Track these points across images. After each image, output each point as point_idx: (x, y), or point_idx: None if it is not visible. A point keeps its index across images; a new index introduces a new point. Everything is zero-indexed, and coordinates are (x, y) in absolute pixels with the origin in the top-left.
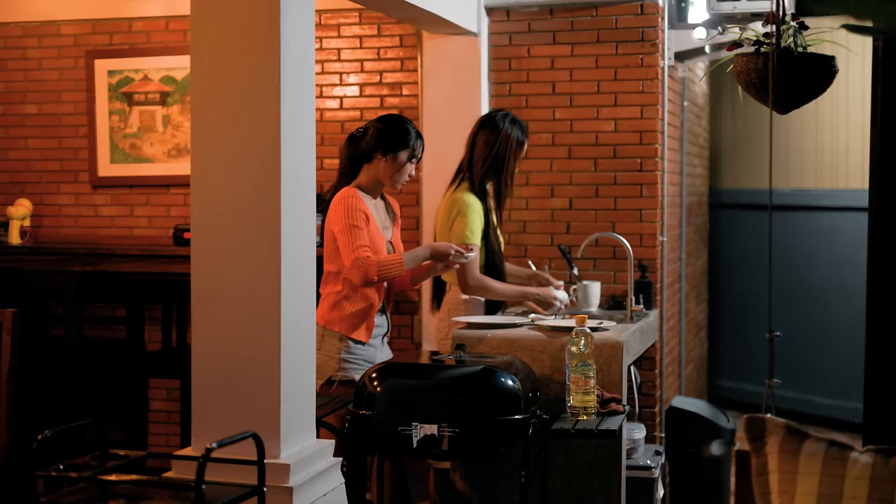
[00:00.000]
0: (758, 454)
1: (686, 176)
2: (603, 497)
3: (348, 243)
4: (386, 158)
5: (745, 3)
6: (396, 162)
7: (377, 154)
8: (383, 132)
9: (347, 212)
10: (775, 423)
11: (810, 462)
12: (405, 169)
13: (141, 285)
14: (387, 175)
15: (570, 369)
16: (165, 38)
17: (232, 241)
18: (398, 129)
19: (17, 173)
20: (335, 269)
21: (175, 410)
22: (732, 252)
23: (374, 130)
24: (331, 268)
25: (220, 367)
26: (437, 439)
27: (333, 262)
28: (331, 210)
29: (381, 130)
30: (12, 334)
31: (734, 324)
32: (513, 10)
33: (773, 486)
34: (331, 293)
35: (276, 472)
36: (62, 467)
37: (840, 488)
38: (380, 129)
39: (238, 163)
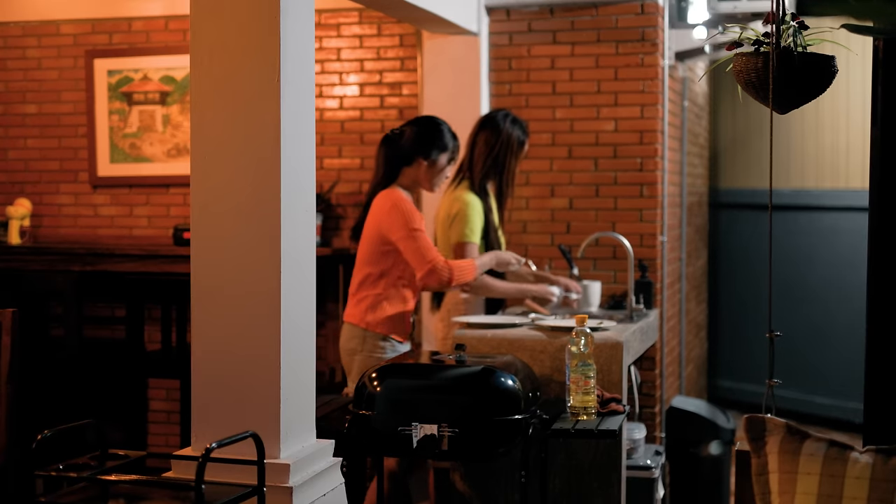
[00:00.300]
0: (758, 454)
1: (686, 176)
2: (603, 497)
3: (418, 250)
4: (427, 161)
5: (745, 2)
6: (437, 165)
7: (418, 157)
8: (423, 135)
9: (406, 217)
10: (775, 423)
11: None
12: (444, 171)
13: (140, 285)
14: (426, 178)
15: (570, 369)
16: (165, 38)
17: (232, 241)
18: (437, 133)
19: (17, 173)
20: (378, 271)
21: (175, 410)
22: (732, 252)
23: (413, 133)
24: (373, 270)
25: (220, 367)
26: (437, 439)
27: (377, 265)
28: (382, 214)
29: (420, 133)
30: (12, 334)
31: (734, 324)
32: (513, 9)
33: (774, 486)
34: (369, 295)
35: (276, 472)
36: (62, 467)
37: (840, 488)
38: (419, 132)
39: (238, 163)
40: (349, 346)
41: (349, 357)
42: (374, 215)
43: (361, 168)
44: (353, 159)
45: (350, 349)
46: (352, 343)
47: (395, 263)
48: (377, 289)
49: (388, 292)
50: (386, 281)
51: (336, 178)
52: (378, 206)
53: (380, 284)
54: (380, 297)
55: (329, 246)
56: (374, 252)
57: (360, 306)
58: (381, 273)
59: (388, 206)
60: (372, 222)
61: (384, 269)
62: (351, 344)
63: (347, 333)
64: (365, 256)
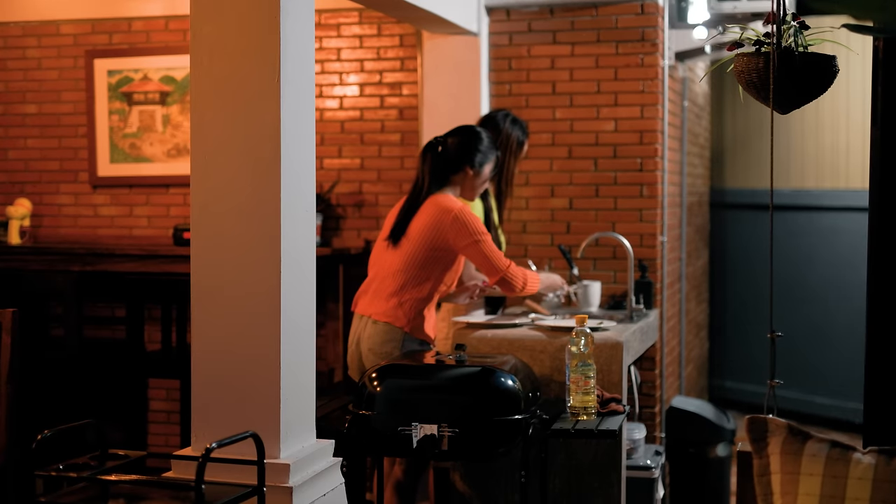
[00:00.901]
0: (760, 455)
1: (686, 176)
2: (603, 497)
3: (489, 257)
4: (474, 171)
5: (746, 2)
6: (482, 175)
7: (466, 167)
8: (471, 146)
9: (470, 225)
10: (777, 423)
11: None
12: (487, 181)
13: (140, 285)
14: (471, 186)
15: (570, 369)
16: (165, 38)
17: (232, 241)
18: (484, 144)
19: (17, 173)
20: (425, 275)
21: (175, 410)
22: (733, 252)
23: (461, 144)
24: (420, 273)
25: (220, 367)
26: (437, 439)
27: (425, 269)
28: (441, 219)
29: (468, 145)
30: (12, 334)
31: (734, 324)
32: (513, 9)
33: (776, 487)
34: (414, 299)
35: (276, 472)
36: (62, 467)
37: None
38: (467, 143)
39: (238, 163)
40: (384, 348)
41: (380, 358)
42: (430, 220)
43: (361, 168)
44: (353, 159)
45: (385, 352)
46: (388, 346)
47: (443, 270)
48: (422, 293)
49: (431, 298)
50: (430, 286)
51: (336, 178)
52: (434, 212)
53: (425, 288)
54: (424, 302)
55: (329, 246)
56: (426, 257)
57: (403, 308)
58: (427, 277)
59: (452, 214)
60: (425, 226)
61: (430, 274)
62: (387, 347)
63: (384, 335)
64: (411, 259)
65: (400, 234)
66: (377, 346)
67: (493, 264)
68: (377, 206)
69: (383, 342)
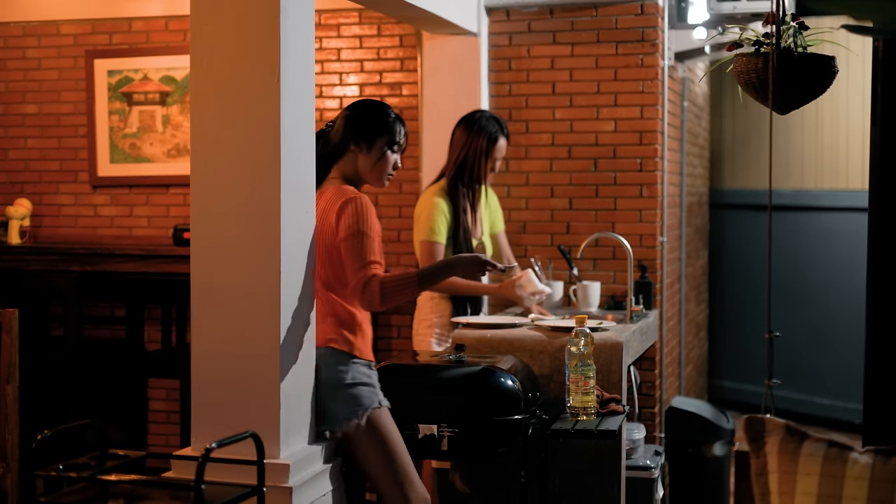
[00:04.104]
0: (757, 454)
1: (686, 176)
2: (603, 497)
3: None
4: (361, 149)
5: (745, 3)
6: (373, 152)
7: (350, 145)
8: (354, 119)
9: (360, 212)
10: (775, 423)
11: (810, 462)
12: (387, 159)
13: (140, 285)
14: (366, 168)
15: (570, 369)
16: (165, 38)
17: (232, 241)
18: (372, 114)
19: (17, 173)
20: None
21: (175, 410)
22: (732, 252)
23: (343, 119)
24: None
25: (219, 367)
26: (437, 439)
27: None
28: (333, 206)
29: (350, 118)
30: (12, 334)
31: (734, 324)
32: (513, 10)
33: (773, 487)
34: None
35: (276, 472)
36: (62, 467)
37: (840, 489)
38: (349, 116)
39: (238, 163)
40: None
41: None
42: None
43: None
44: None
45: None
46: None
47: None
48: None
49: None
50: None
51: None
52: (323, 203)
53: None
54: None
55: None
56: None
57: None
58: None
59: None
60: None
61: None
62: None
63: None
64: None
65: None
66: (321, 371)
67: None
68: (377, 206)
69: (328, 366)
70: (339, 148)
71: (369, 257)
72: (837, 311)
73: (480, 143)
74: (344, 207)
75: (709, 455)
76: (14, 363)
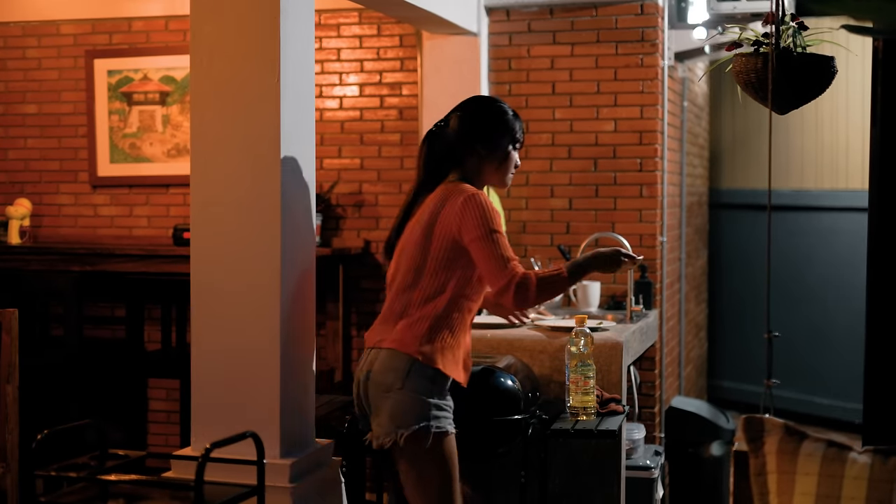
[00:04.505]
0: (756, 454)
1: (686, 176)
2: (602, 497)
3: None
4: (484, 150)
5: (745, 3)
6: (497, 153)
7: (475, 146)
8: (474, 120)
9: (483, 211)
10: (774, 423)
11: (809, 462)
12: (511, 159)
13: (140, 285)
14: (491, 169)
15: (570, 369)
16: (165, 38)
17: (232, 241)
18: (492, 113)
19: (17, 173)
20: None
21: (175, 410)
22: (732, 252)
23: (460, 120)
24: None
25: (220, 367)
26: None
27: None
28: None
29: (469, 119)
30: (12, 334)
31: (734, 324)
32: (513, 10)
33: (772, 487)
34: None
35: (276, 472)
36: (62, 467)
37: (839, 489)
38: (468, 116)
39: (237, 163)
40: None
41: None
42: (433, 210)
43: (361, 168)
44: (353, 159)
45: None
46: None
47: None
48: (436, 309)
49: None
50: (449, 300)
51: (336, 178)
52: (438, 200)
53: (440, 303)
54: (441, 321)
55: (329, 246)
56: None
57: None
58: (441, 288)
59: (462, 197)
60: (428, 220)
61: (446, 282)
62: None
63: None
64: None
65: (392, 244)
66: (377, 374)
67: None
68: (377, 206)
69: (385, 370)
70: (460, 150)
71: (507, 254)
72: (837, 310)
73: None
74: (465, 206)
75: (708, 455)
76: (14, 363)
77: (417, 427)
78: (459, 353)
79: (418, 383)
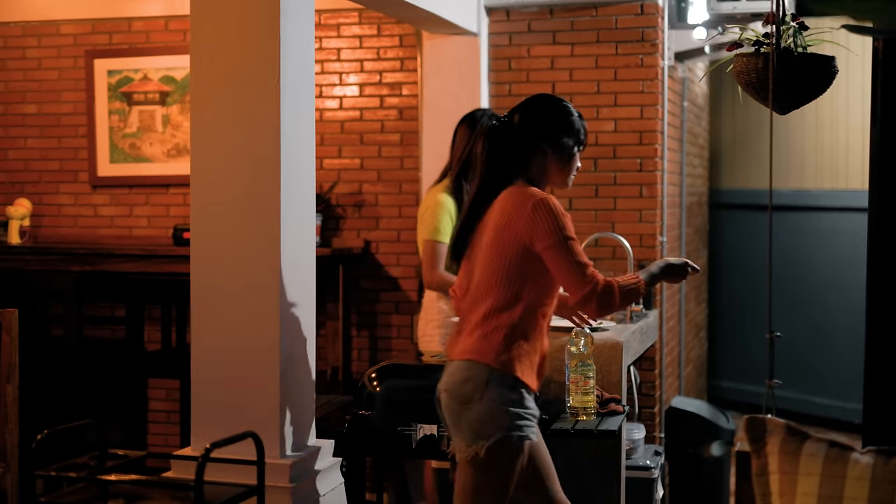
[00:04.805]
0: (758, 455)
1: (686, 176)
2: (603, 497)
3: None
4: (550, 150)
5: (745, 3)
6: (563, 154)
7: (542, 146)
8: (541, 119)
9: (555, 217)
10: (776, 423)
11: (811, 463)
12: (575, 160)
13: (140, 285)
14: (555, 170)
15: (570, 369)
16: (165, 38)
17: (232, 240)
18: (558, 113)
19: (17, 173)
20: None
21: (175, 410)
22: (732, 252)
23: (525, 119)
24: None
25: (220, 367)
26: (437, 439)
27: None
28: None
29: (537, 118)
30: (12, 334)
31: (734, 324)
32: (513, 10)
33: (774, 487)
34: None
35: (276, 472)
36: (62, 467)
37: (841, 489)
38: (535, 116)
39: (238, 163)
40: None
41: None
42: (502, 217)
43: (361, 168)
44: (352, 159)
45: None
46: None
47: (537, 282)
48: (512, 317)
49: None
50: (524, 307)
51: (336, 178)
52: (506, 205)
53: (516, 311)
54: (517, 329)
55: (329, 246)
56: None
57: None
58: (516, 296)
59: (532, 202)
60: (498, 226)
61: (520, 290)
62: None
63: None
64: (489, 276)
65: (463, 247)
66: (454, 386)
67: (574, 275)
68: (377, 206)
69: (463, 381)
70: (526, 149)
71: (584, 260)
72: (837, 311)
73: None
74: (536, 212)
75: (708, 455)
76: (14, 363)
77: (499, 437)
78: (536, 358)
79: (498, 393)
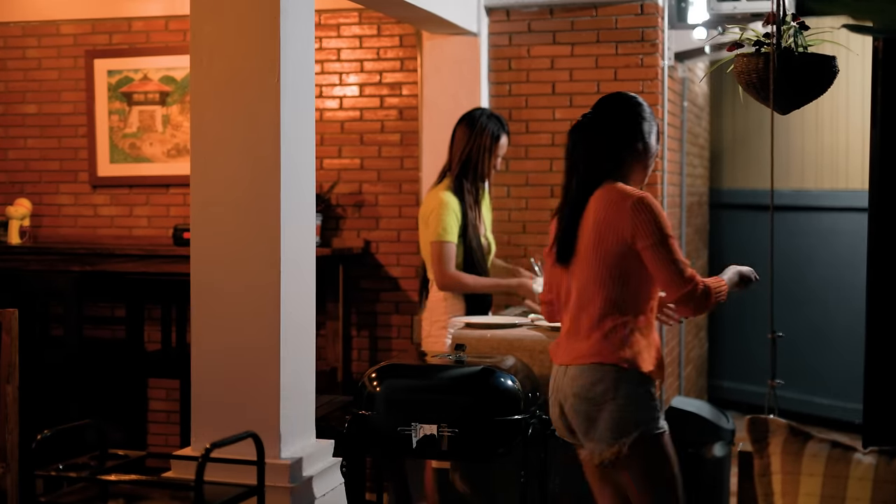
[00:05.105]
0: (761, 455)
1: (686, 176)
2: None
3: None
4: (643, 145)
5: (746, 3)
6: (649, 152)
7: (636, 145)
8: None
9: (655, 216)
10: (778, 424)
11: (813, 463)
12: (654, 158)
13: (140, 285)
14: (640, 167)
15: None
16: (165, 38)
17: (232, 240)
18: (640, 112)
19: (17, 173)
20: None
21: (175, 410)
22: (732, 252)
23: (619, 114)
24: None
25: (219, 367)
26: (437, 439)
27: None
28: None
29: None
30: (12, 334)
31: (734, 324)
32: (513, 10)
33: (776, 488)
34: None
35: (276, 472)
36: (62, 467)
37: (843, 489)
38: (627, 113)
39: (238, 163)
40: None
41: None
42: (604, 215)
43: (361, 168)
44: (352, 159)
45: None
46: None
47: (643, 278)
48: (625, 314)
49: (640, 318)
50: (635, 303)
51: (336, 178)
52: (606, 204)
53: (628, 308)
54: (631, 324)
55: (329, 246)
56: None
57: (609, 340)
58: (627, 294)
59: (631, 200)
60: (602, 226)
61: (629, 287)
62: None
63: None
64: (599, 277)
65: (570, 250)
66: (584, 389)
67: (674, 274)
68: (377, 206)
69: (592, 384)
70: (621, 147)
71: (683, 259)
72: (837, 311)
73: (484, 140)
74: (637, 211)
75: (709, 455)
76: (14, 363)
77: (638, 433)
78: (653, 352)
79: (630, 390)
